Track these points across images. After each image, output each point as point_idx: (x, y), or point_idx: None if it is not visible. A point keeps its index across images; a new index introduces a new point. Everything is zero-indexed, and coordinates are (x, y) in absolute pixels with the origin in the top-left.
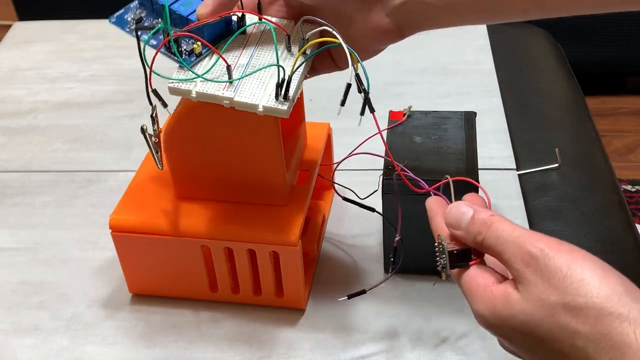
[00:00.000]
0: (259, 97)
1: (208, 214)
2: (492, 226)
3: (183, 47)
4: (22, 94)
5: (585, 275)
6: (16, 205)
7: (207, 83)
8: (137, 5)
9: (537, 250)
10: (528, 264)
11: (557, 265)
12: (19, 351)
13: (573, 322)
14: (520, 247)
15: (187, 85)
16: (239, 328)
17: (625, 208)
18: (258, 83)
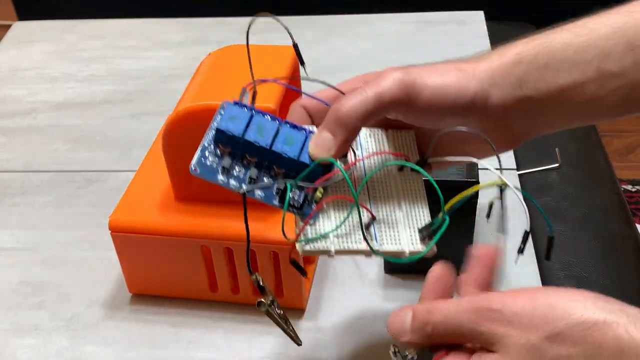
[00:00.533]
0: (401, 240)
1: (208, 214)
2: (436, 310)
3: (295, 194)
4: (22, 94)
5: (551, 301)
6: (16, 205)
7: (342, 236)
8: (212, 140)
9: (494, 303)
10: (493, 319)
11: (521, 306)
12: (19, 351)
13: (564, 350)
14: (476, 310)
15: (323, 244)
16: (239, 328)
17: (625, 208)
18: (391, 224)
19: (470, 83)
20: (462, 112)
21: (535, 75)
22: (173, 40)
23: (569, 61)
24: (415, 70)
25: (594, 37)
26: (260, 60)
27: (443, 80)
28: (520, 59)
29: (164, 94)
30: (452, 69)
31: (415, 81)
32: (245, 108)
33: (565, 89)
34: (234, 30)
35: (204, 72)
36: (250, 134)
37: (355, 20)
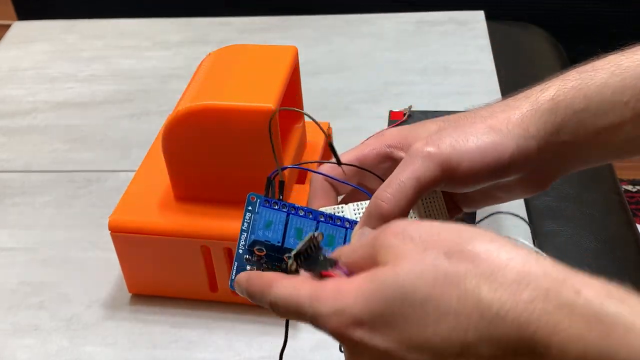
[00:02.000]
0: None
1: (207, 214)
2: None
3: None
4: (22, 94)
5: (461, 226)
6: (16, 205)
7: None
8: (246, 250)
9: (403, 226)
10: (394, 234)
11: (428, 228)
12: (19, 351)
13: (461, 267)
14: (382, 229)
15: None
16: (239, 328)
17: (625, 208)
18: None
19: (506, 144)
20: (502, 172)
21: (573, 121)
22: (173, 40)
23: (607, 104)
24: (446, 141)
25: (628, 76)
26: (260, 60)
27: (478, 147)
28: (556, 104)
29: (164, 94)
30: (484, 130)
31: (450, 156)
32: (276, 204)
33: (602, 131)
34: (234, 30)
35: (204, 72)
36: (289, 240)
37: (355, 20)
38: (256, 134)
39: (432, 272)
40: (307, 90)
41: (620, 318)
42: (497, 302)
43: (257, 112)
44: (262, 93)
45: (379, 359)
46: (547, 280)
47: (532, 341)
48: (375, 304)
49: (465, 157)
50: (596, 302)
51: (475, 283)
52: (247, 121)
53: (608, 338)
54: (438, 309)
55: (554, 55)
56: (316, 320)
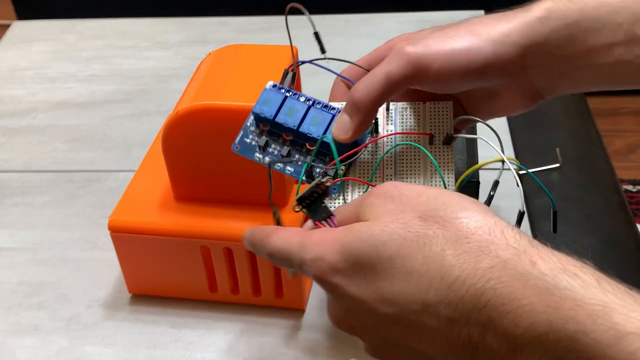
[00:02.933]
0: None
1: (207, 215)
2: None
3: (317, 170)
4: (22, 94)
5: (442, 197)
6: (15, 205)
7: None
8: (254, 123)
9: (388, 188)
10: (377, 194)
11: (409, 190)
12: (19, 352)
13: (430, 231)
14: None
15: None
16: (238, 328)
17: (626, 208)
18: None
19: (482, 48)
20: (475, 76)
21: (563, 34)
22: (173, 40)
23: (601, 22)
24: (425, 42)
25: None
26: (260, 60)
27: (452, 48)
28: (548, 14)
29: (164, 94)
30: (464, 32)
31: (422, 54)
32: (284, 90)
33: (592, 50)
34: (234, 30)
35: (204, 72)
36: (280, 116)
37: (355, 20)
38: None
39: (403, 232)
40: (307, 90)
41: (570, 292)
42: (458, 268)
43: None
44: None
45: (354, 305)
46: (507, 251)
47: (485, 308)
48: (349, 254)
49: (438, 57)
50: (550, 274)
51: (441, 247)
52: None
53: (557, 311)
54: (404, 267)
55: None
56: (302, 267)
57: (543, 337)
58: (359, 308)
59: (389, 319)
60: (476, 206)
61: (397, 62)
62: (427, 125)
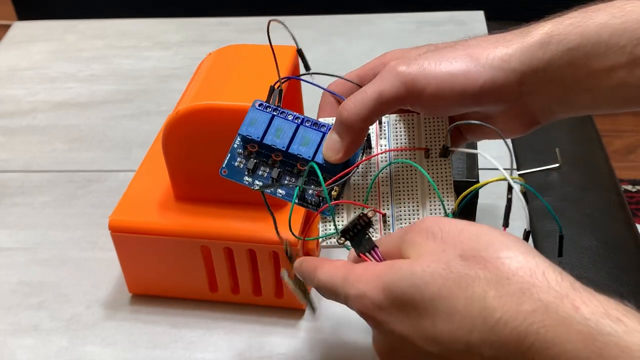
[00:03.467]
0: None
1: (207, 214)
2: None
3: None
4: (22, 94)
5: (484, 235)
6: (15, 205)
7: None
8: (241, 145)
9: (428, 220)
10: (419, 231)
11: (453, 226)
12: (18, 352)
13: (472, 271)
14: (410, 229)
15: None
16: (238, 328)
17: (625, 208)
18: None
19: (480, 73)
20: (471, 101)
21: (564, 59)
22: (173, 40)
23: (603, 45)
24: (419, 62)
25: (630, 19)
26: (260, 60)
27: (449, 71)
28: (549, 39)
29: (164, 94)
30: (461, 55)
31: (417, 77)
32: (270, 108)
33: (593, 73)
34: (234, 30)
35: (204, 72)
36: (268, 137)
37: (355, 20)
38: None
39: (445, 272)
40: (307, 90)
41: (614, 338)
42: (500, 310)
43: None
44: (261, 93)
45: (398, 342)
46: (549, 294)
47: (528, 352)
48: (390, 292)
49: (433, 80)
50: (592, 319)
51: (483, 288)
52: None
53: (601, 357)
54: (446, 307)
55: None
56: (346, 302)
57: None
58: (403, 344)
59: (433, 356)
60: (518, 245)
61: (389, 81)
62: (422, 138)
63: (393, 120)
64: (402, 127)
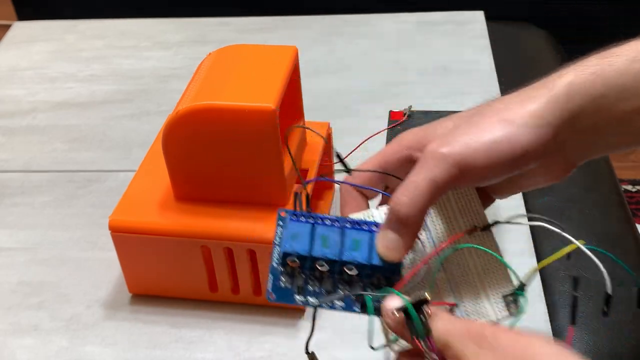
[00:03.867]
0: (488, 313)
1: (208, 214)
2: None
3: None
4: (22, 94)
5: (532, 343)
6: (15, 205)
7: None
8: (280, 262)
9: (487, 330)
10: (480, 343)
11: (507, 339)
12: (18, 352)
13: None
14: (470, 333)
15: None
16: (238, 328)
17: (625, 208)
18: (473, 297)
19: (520, 135)
20: (518, 165)
21: (591, 108)
22: (173, 40)
23: (628, 90)
24: (460, 140)
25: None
26: (260, 60)
27: (492, 141)
28: (574, 91)
29: (164, 94)
30: (496, 122)
31: (464, 155)
32: (303, 217)
33: (624, 116)
34: (234, 30)
35: (204, 72)
36: (316, 249)
37: (355, 20)
38: (256, 133)
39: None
40: (307, 90)
41: None
42: None
43: (257, 112)
44: (262, 93)
45: None
46: None
47: None
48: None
49: (480, 154)
50: None
51: None
52: (248, 121)
53: None
54: None
55: (554, 55)
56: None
57: None
58: None
59: None
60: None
61: (439, 167)
62: (458, 218)
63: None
64: (436, 212)
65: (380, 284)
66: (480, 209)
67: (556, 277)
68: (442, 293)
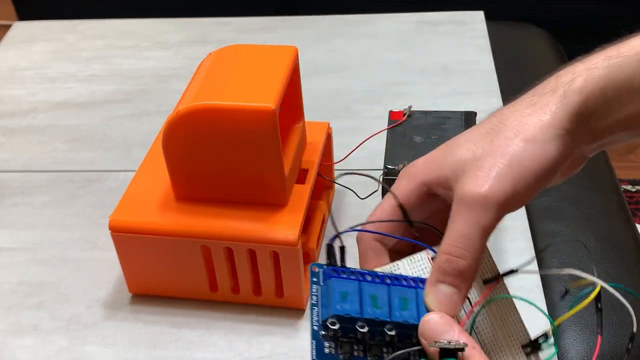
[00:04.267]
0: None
1: (208, 214)
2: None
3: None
4: (22, 94)
5: None
6: (15, 205)
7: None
8: (321, 326)
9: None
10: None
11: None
12: (18, 352)
13: None
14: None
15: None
16: (239, 328)
17: (625, 208)
18: (497, 350)
19: (547, 152)
20: (550, 177)
21: (604, 109)
22: (173, 40)
23: (637, 92)
24: (494, 176)
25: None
26: (260, 60)
27: (521, 166)
28: (586, 96)
29: (164, 94)
30: (518, 142)
31: (505, 192)
32: (344, 273)
33: (634, 116)
34: (234, 30)
35: (204, 72)
36: (367, 309)
37: (355, 20)
38: (256, 133)
39: None
40: (307, 90)
41: None
42: None
43: (257, 112)
44: (262, 93)
45: None
46: None
47: None
48: None
49: (518, 185)
50: None
51: None
52: (248, 121)
53: None
54: None
55: (554, 55)
56: None
57: None
58: None
59: None
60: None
61: (483, 211)
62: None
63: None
64: None
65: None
66: (492, 260)
67: (556, 277)
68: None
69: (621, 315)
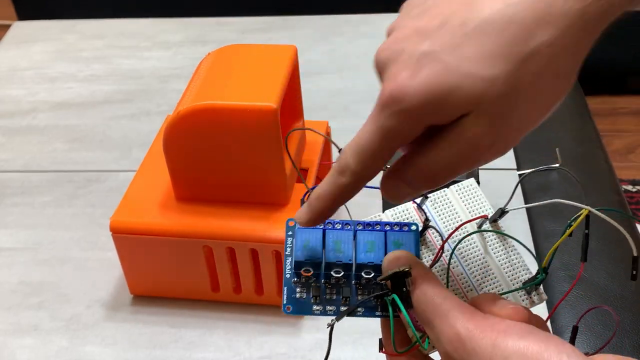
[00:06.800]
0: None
1: (209, 214)
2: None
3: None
4: (22, 94)
5: (547, 347)
6: (15, 205)
7: None
8: (293, 273)
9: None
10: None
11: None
12: (19, 352)
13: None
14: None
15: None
16: (238, 328)
17: (625, 208)
18: (495, 289)
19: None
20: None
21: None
22: (173, 40)
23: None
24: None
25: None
26: (260, 60)
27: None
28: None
29: (164, 94)
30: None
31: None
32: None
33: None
34: (234, 30)
35: (204, 72)
36: (330, 254)
37: (355, 20)
38: (257, 133)
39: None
40: (307, 90)
41: None
42: None
43: (258, 112)
44: (262, 92)
45: None
46: None
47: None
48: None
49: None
50: None
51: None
52: (248, 121)
53: None
54: None
55: None
56: None
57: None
58: None
59: None
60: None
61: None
62: (464, 210)
63: (430, 204)
64: (442, 209)
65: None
66: (484, 199)
67: (557, 277)
68: (463, 291)
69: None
